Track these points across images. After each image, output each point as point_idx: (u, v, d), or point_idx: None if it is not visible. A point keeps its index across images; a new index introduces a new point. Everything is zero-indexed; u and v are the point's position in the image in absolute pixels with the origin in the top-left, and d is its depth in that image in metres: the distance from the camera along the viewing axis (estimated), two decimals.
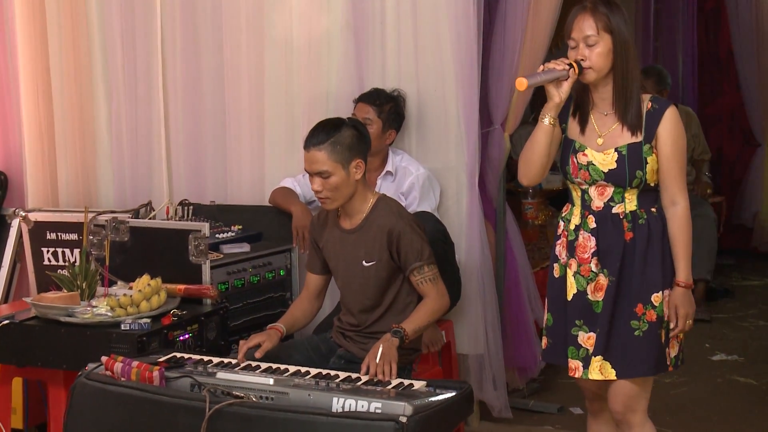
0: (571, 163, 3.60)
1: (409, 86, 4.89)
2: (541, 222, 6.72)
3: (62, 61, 5.50)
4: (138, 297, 3.98)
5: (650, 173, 3.53)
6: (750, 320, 6.94)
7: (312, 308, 4.13)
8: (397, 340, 3.68)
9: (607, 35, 3.49)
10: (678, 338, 3.62)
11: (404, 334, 3.72)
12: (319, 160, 3.81)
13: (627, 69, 3.52)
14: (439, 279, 3.93)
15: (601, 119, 3.59)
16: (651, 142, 3.52)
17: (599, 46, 3.50)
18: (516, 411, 5.18)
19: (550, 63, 3.53)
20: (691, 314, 3.56)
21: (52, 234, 4.84)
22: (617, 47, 3.50)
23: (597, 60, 3.50)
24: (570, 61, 3.52)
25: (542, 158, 3.61)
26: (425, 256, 3.89)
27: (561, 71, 3.50)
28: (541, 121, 3.58)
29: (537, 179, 3.68)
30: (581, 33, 3.51)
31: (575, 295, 3.61)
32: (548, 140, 3.59)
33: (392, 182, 4.77)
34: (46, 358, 3.96)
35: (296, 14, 5.08)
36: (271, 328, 3.94)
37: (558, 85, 3.52)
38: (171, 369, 3.44)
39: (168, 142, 5.39)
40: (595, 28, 3.49)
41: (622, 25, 3.51)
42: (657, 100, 3.57)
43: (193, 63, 5.32)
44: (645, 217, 3.55)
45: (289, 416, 3.12)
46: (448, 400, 3.24)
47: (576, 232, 3.62)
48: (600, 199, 3.58)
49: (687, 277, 3.55)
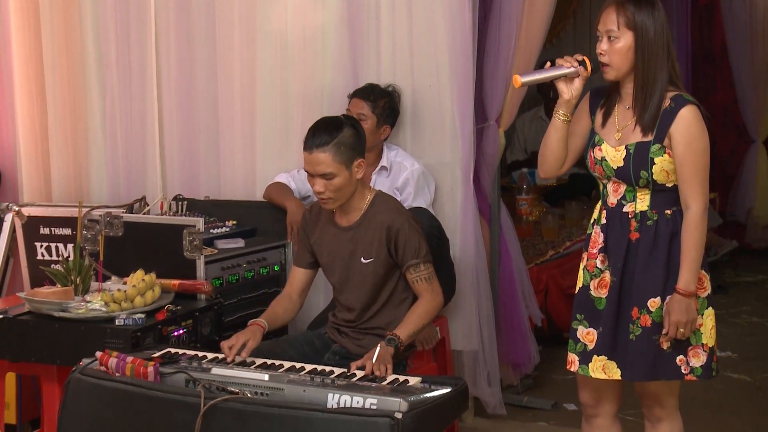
0: (590, 157, 3.58)
1: (404, 81, 4.89)
2: (535, 218, 6.72)
3: (56, 56, 5.49)
4: (132, 292, 3.97)
5: (660, 174, 3.44)
6: (743, 317, 6.95)
7: (294, 306, 4.08)
8: (392, 348, 3.67)
9: (629, 32, 3.42)
10: (704, 347, 3.50)
11: (399, 342, 3.71)
12: (323, 162, 3.79)
13: (648, 69, 3.42)
14: (434, 278, 3.92)
15: (623, 113, 3.53)
16: (662, 142, 3.43)
17: (619, 42, 3.43)
18: (510, 407, 5.17)
19: (560, 59, 3.51)
20: (684, 323, 3.41)
21: (46, 229, 4.83)
22: (639, 46, 3.41)
23: (615, 56, 3.44)
24: (582, 58, 3.49)
25: (555, 153, 3.59)
26: (422, 254, 3.88)
27: (568, 69, 3.48)
28: (554, 117, 3.57)
29: (553, 173, 3.66)
30: (604, 26, 3.46)
31: (580, 289, 3.59)
32: (560, 136, 3.57)
33: (387, 177, 4.77)
34: (39, 354, 3.95)
35: (291, 9, 5.07)
36: (253, 324, 3.85)
37: (569, 81, 3.50)
38: (166, 364, 3.44)
39: (161, 138, 5.38)
40: (616, 23, 3.42)
41: (650, 24, 3.41)
42: (677, 99, 3.44)
43: (187, 58, 5.31)
44: (655, 218, 3.47)
45: (284, 412, 3.12)
46: (443, 396, 3.24)
47: (593, 226, 3.61)
48: (614, 195, 3.55)
49: (686, 284, 3.42)
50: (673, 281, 3.46)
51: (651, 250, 3.47)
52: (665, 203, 3.49)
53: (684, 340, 3.47)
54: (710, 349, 3.53)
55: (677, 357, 3.50)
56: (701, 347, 3.51)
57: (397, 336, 3.73)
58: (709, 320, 3.53)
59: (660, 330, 3.47)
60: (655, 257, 3.47)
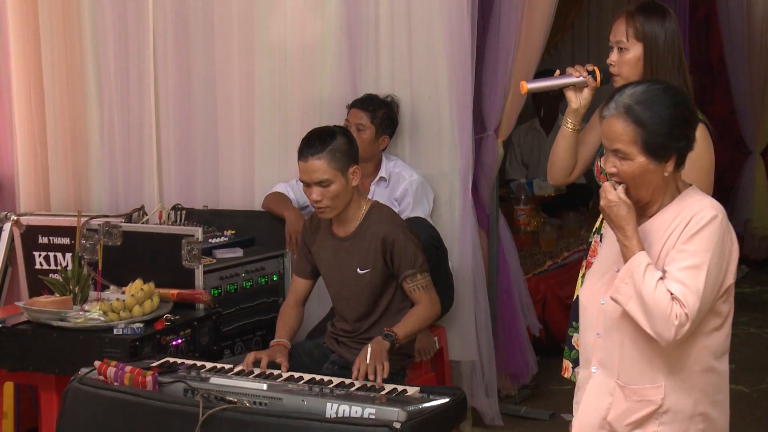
0: (596, 166, 3.58)
1: (402, 92, 4.90)
2: (534, 228, 6.72)
3: (55, 67, 5.49)
4: (131, 301, 3.98)
5: None
6: (741, 327, 6.94)
7: (300, 314, 4.12)
8: (388, 343, 3.69)
9: (638, 43, 3.42)
10: None
11: (395, 338, 3.73)
12: (318, 169, 3.80)
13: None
14: (431, 287, 3.93)
15: None
16: None
17: (628, 54, 3.43)
18: (508, 417, 5.17)
19: (570, 68, 3.51)
20: None
21: (44, 238, 4.83)
22: (648, 57, 3.41)
23: (624, 67, 3.44)
24: (593, 68, 3.50)
25: (562, 161, 3.60)
26: (418, 264, 3.89)
27: (577, 78, 3.48)
28: (563, 126, 3.57)
29: (561, 180, 3.68)
30: (614, 37, 3.46)
31: (577, 297, 3.60)
32: (567, 145, 3.57)
33: (386, 188, 4.77)
34: (38, 363, 3.95)
35: (290, 19, 5.08)
36: (278, 344, 3.87)
37: (578, 91, 3.50)
38: (164, 374, 3.44)
39: (160, 147, 5.38)
40: (625, 35, 3.43)
41: (660, 34, 3.41)
42: None
43: (185, 68, 5.32)
44: None
45: (282, 422, 3.12)
46: (441, 406, 3.24)
47: (593, 235, 3.61)
48: None
49: None
50: None
51: None
52: None
53: None
54: None
55: None
56: None
57: (394, 332, 3.73)
58: None
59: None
60: None
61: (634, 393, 2.82)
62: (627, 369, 2.84)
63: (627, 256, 2.80)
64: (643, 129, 2.77)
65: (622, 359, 2.83)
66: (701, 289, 2.72)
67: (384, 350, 3.64)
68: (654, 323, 2.71)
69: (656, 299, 2.70)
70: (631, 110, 2.78)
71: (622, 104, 2.80)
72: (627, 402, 2.83)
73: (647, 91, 2.82)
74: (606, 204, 2.84)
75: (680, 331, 2.70)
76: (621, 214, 2.81)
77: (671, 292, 2.71)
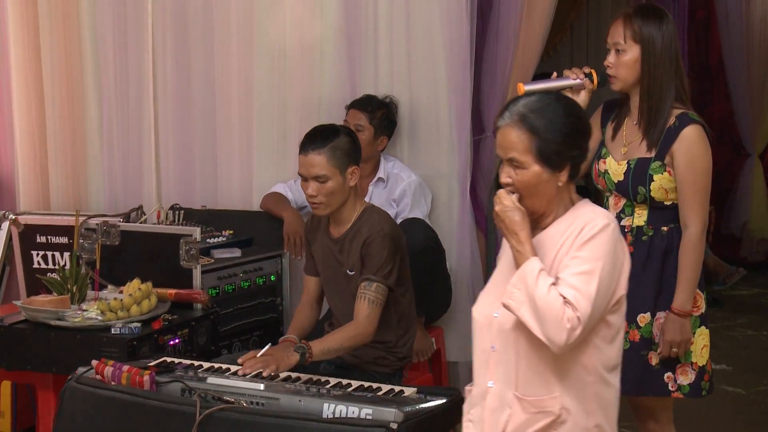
0: (594, 169, 3.58)
1: (401, 93, 4.90)
2: None
3: (54, 66, 5.49)
4: (128, 301, 3.98)
5: (658, 191, 3.45)
6: (739, 329, 6.96)
7: (315, 313, 4.09)
8: (297, 356, 3.58)
9: (636, 45, 3.43)
10: (694, 365, 3.50)
11: (308, 354, 3.61)
12: (317, 164, 3.80)
13: (654, 82, 3.43)
14: (378, 306, 3.77)
15: (631, 128, 3.54)
16: (663, 160, 3.44)
17: (625, 55, 3.45)
18: None
19: (567, 71, 3.51)
20: (678, 343, 3.44)
21: (43, 237, 4.83)
22: (646, 59, 3.42)
23: (621, 69, 3.46)
24: (589, 71, 3.50)
25: None
26: (381, 275, 3.78)
27: (574, 81, 3.48)
28: None
29: None
30: (612, 39, 3.47)
31: None
32: None
33: (384, 189, 4.77)
34: (35, 362, 3.95)
35: (289, 20, 5.08)
36: (286, 340, 3.82)
37: (575, 93, 3.48)
38: (161, 373, 3.44)
39: (158, 147, 5.38)
40: (623, 36, 3.44)
41: (658, 37, 3.42)
42: (682, 117, 3.45)
43: (184, 68, 5.32)
44: (650, 234, 3.48)
45: (279, 422, 3.12)
46: (438, 407, 3.24)
47: None
48: (614, 209, 3.55)
49: (682, 304, 3.43)
50: (664, 298, 3.47)
51: (643, 266, 3.47)
52: (664, 220, 3.49)
53: (674, 358, 3.48)
54: (700, 368, 3.53)
55: (665, 374, 3.52)
56: (690, 365, 3.52)
57: (308, 347, 3.63)
58: (701, 339, 3.53)
59: (648, 346, 3.48)
60: (648, 273, 3.47)
61: (532, 405, 2.78)
62: (523, 380, 2.79)
63: (520, 261, 2.79)
64: (537, 137, 2.76)
65: (518, 370, 2.78)
66: (593, 294, 2.68)
67: (286, 359, 3.54)
68: (546, 328, 2.67)
69: (548, 303, 2.67)
70: (526, 119, 2.77)
71: (516, 113, 2.79)
72: (525, 414, 2.78)
73: (540, 100, 2.82)
74: (501, 209, 2.84)
75: (572, 335, 2.66)
76: (515, 219, 2.80)
77: (564, 297, 2.68)
